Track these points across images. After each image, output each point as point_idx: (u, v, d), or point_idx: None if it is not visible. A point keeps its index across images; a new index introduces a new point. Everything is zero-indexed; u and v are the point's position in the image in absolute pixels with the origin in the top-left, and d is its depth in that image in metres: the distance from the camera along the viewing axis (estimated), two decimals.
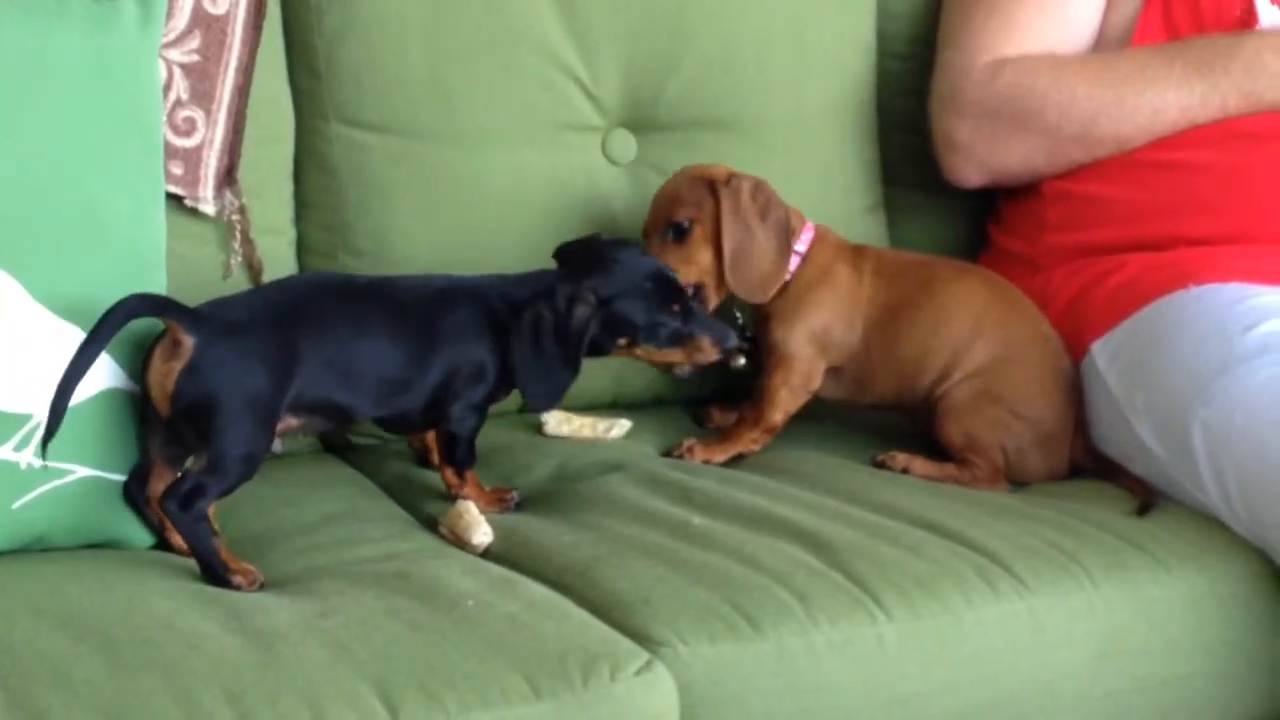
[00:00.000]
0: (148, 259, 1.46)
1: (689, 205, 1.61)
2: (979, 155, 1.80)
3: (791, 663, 1.31)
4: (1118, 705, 1.42)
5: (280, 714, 1.15)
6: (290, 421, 1.42)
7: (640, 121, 1.79)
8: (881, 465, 1.62)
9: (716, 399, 1.75)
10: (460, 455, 1.51)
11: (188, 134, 1.60)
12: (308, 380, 1.40)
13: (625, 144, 1.78)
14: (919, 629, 1.35)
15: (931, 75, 1.84)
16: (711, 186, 1.60)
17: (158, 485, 1.39)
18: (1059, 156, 1.76)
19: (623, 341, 1.51)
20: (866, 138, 1.87)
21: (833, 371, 1.65)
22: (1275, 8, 1.75)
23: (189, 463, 1.41)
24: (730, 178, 1.61)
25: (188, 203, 1.61)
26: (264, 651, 1.21)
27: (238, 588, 1.33)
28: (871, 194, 1.89)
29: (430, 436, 1.56)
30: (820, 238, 1.65)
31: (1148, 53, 1.75)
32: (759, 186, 1.61)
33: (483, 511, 1.48)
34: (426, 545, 1.44)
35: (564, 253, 1.57)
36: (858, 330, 1.63)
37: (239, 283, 1.63)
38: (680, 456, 1.62)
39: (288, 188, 1.70)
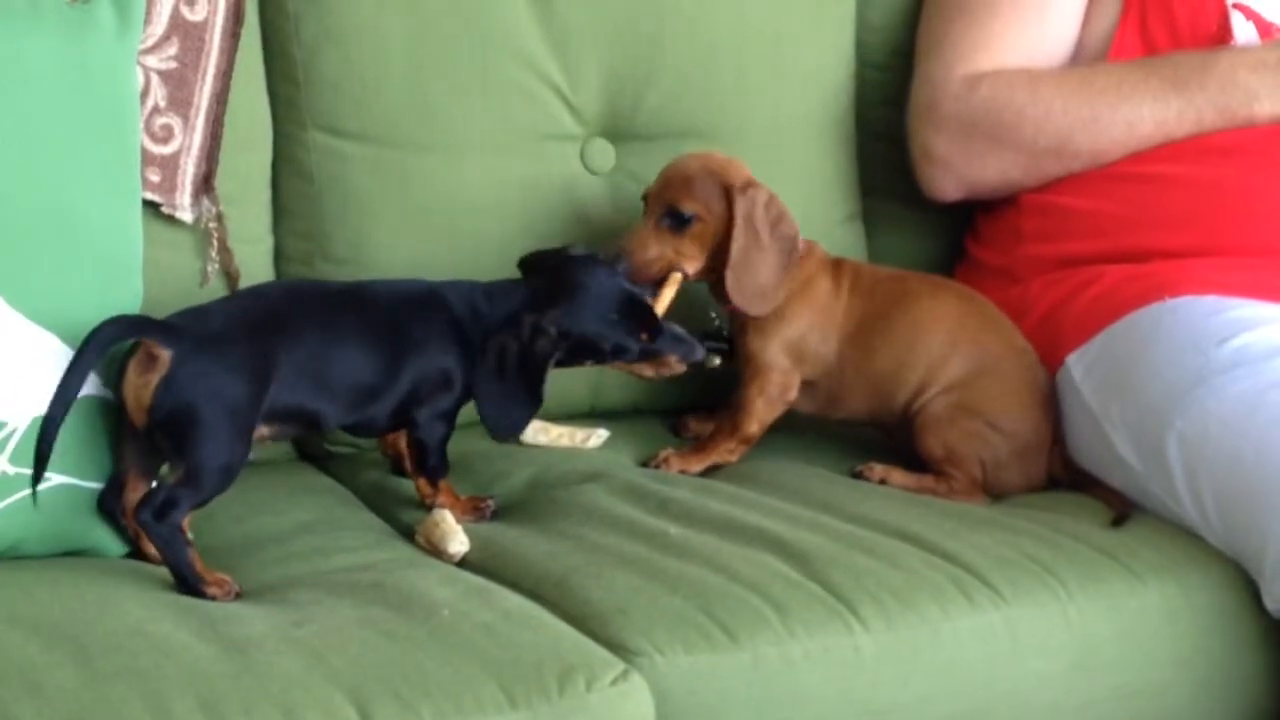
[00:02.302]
0: (124, 266, 1.45)
1: (698, 200, 1.59)
2: (956, 168, 1.80)
3: (767, 673, 1.31)
4: (1093, 716, 1.43)
5: None
6: (262, 430, 1.41)
7: (619, 131, 1.79)
8: (859, 476, 1.62)
9: (693, 409, 1.75)
10: (432, 463, 1.50)
11: (165, 141, 1.60)
12: (281, 388, 1.39)
13: (604, 153, 1.78)
14: (895, 640, 1.35)
15: (910, 86, 1.84)
16: (727, 191, 1.59)
17: (132, 496, 1.39)
18: (1035, 170, 1.77)
19: (589, 362, 1.52)
20: (845, 148, 1.88)
21: (807, 385, 1.65)
22: (1250, 24, 1.76)
23: (163, 471, 1.40)
24: (748, 186, 1.60)
25: (165, 210, 1.61)
26: (238, 660, 1.20)
27: (212, 598, 1.32)
28: (849, 205, 1.90)
29: (403, 444, 1.56)
30: (808, 252, 1.65)
31: (1124, 68, 1.76)
32: (772, 199, 1.60)
33: (459, 521, 1.47)
34: (402, 554, 1.44)
35: (530, 264, 1.57)
36: (832, 343, 1.63)
37: (216, 290, 1.62)
38: (657, 467, 1.62)
39: (265, 195, 1.70)
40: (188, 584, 1.33)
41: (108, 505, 1.40)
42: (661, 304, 1.59)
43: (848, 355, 1.63)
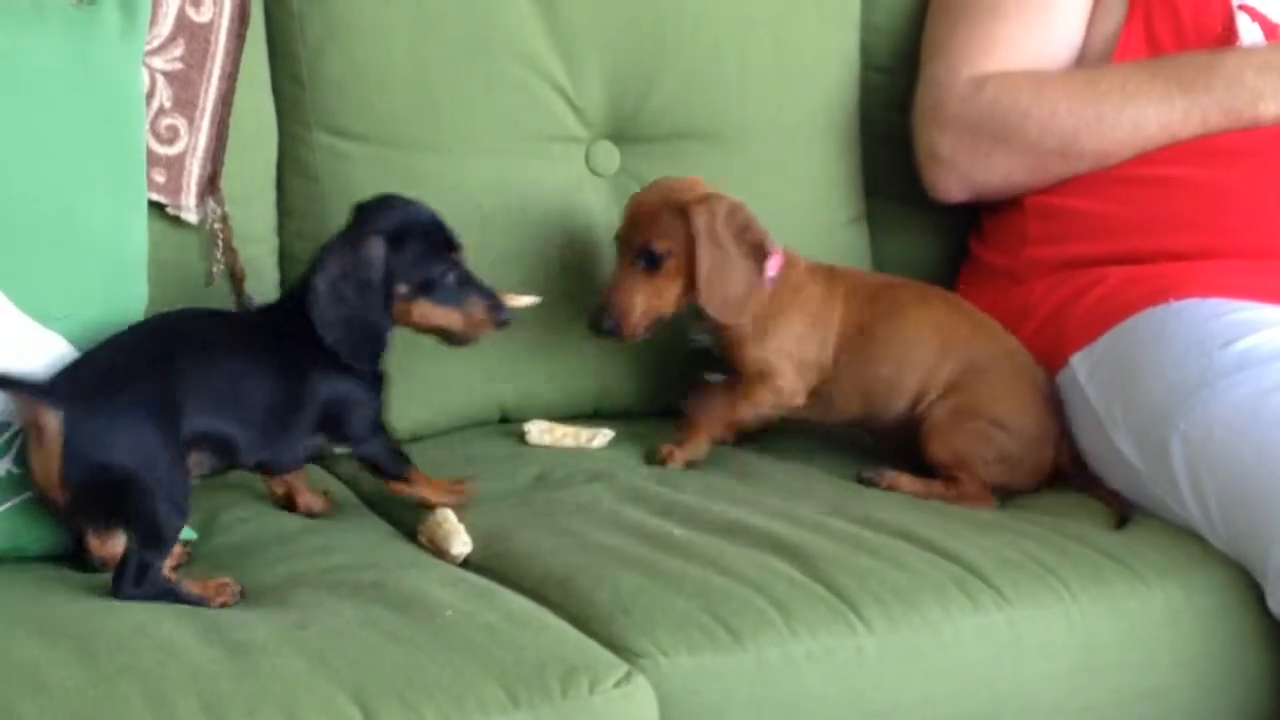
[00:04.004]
0: (129, 267, 1.46)
1: (667, 236, 1.58)
2: (961, 170, 1.80)
3: (771, 674, 1.31)
4: (1095, 718, 1.43)
5: None
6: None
7: (623, 133, 1.79)
8: (869, 483, 1.61)
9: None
10: (391, 469, 1.48)
11: (170, 142, 1.60)
12: (193, 413, 1.33)
13: (608, 155, 1.78)
14: (898, 641, 1.35)
15: (915, 89, 1.84)
16: (683, 211, 1.57)
17: (102, 548, 1.34)
18: (1040, 171, 1.77)
19: (403, 290, 1.42)
20: (849, 150, 1.88)
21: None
22: (1256, 25, 1.76)
23: None
24: (703, 200, 1.58)
25: (170, 211, 1.61)
26: (241, 661, 1.20)
27: (220, 607, 1.32)
28: (854, 207, 1.89)
29: (290, 481, 1.50)
30: (789, 261, 1.64)
31: (1129, 69, 1.76)
32: (735, 209, 1.59)
33: (439, 504, 1.47)
34: (405, 555, 1.44)
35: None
36: (829, 350, 1.63)
37: (221, 291, 1.62)
38: (663, 463, 1.62)
39: (270, 196, 1.70)
40: (192, 605, 1.31)
41: (82, 565, 1.34)
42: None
43: (843, 362, 1.63)
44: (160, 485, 1.30)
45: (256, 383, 1.39)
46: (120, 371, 1.32)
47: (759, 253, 1.60)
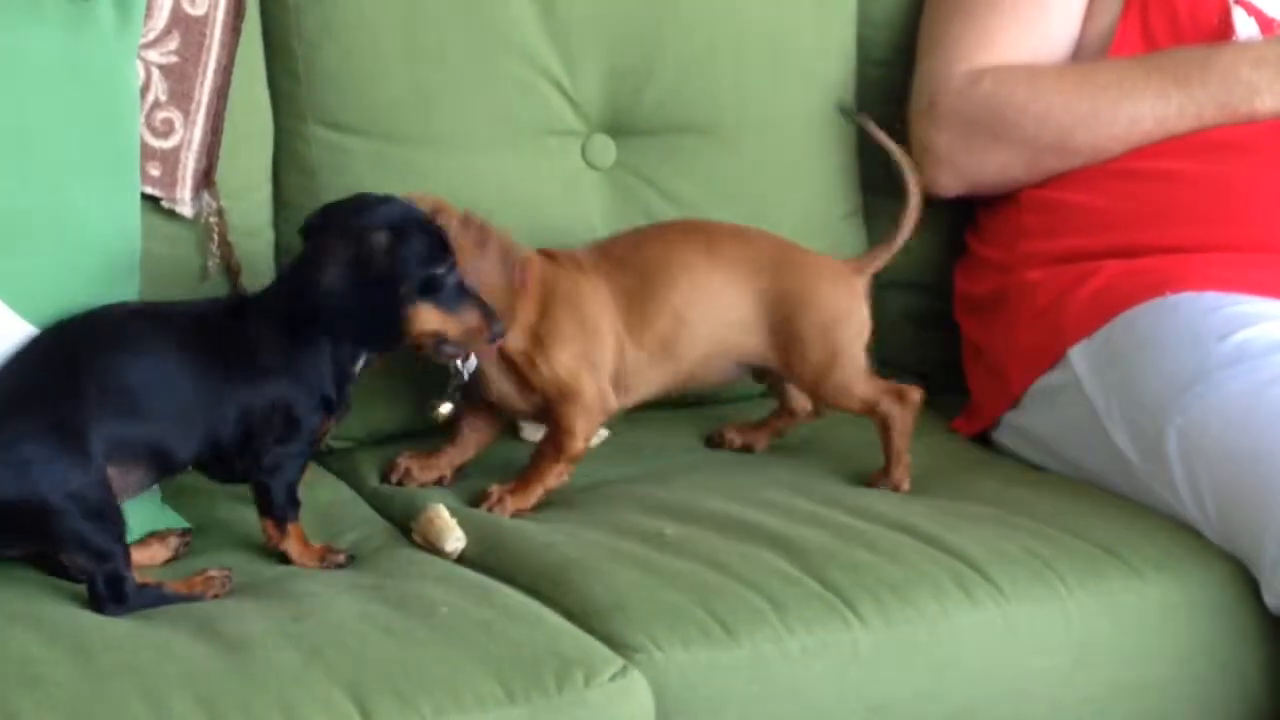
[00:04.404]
0: (123, 262, 1.46)
1: None
2: (957, 164, 1.80)
3: (766, 669, 1.31)
4: (1092, 712, 1.43)
5: (253, 719, 1.15)
6: (111, 474, 1.29)
7: (620, 126, 1.78)
8: (871, 485, 1.61)
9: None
10: (279, 506, 1.38)
11: (165, 135, 1.60)
12: (104, 424, 1.28)
13: (605, 149, 1.78)
14: (894, 635, 1.35)
15: (911, 83, 1.84)
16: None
17: (68, 559, 1.32)
18: (1036, 166, 1.77)
19: (405, 289, 1.35)
20: (845, 145, 1.87)
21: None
22: (1252, 19, 1.76)
23: None
24: (434, 215, 1.43)
25: (165, 204, 1.61)
26: (236, 657, 1.20)
27: (213, 599, 1.31)
28: (849, 201, 1.89)
29: None
30: (539, 263, 1.54)
31: (1125, 64, 1.75)
32: (466, 219, 1.47)
33: (306, 564, 1.39)
34: (401, 550, 1.44)
35: (316, 218, 1.41)
36: (612, 335, 1.54)
37: (217, 285, 1.62)
38: (490, 509, 1.50)
39: (266, 189, 1.69)
40: (185, 602, 1.31)
41: (55, 571, 1.33)
42: None
43: (625, 339, 1.55)
44: (75, 505, 1.26)
45: (178, 383, 1.32)
46: (13, 396, 1.28)
47: (505, 253, 1.49)
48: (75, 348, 1.32)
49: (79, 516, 1.27)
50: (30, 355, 1.33)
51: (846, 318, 1.60)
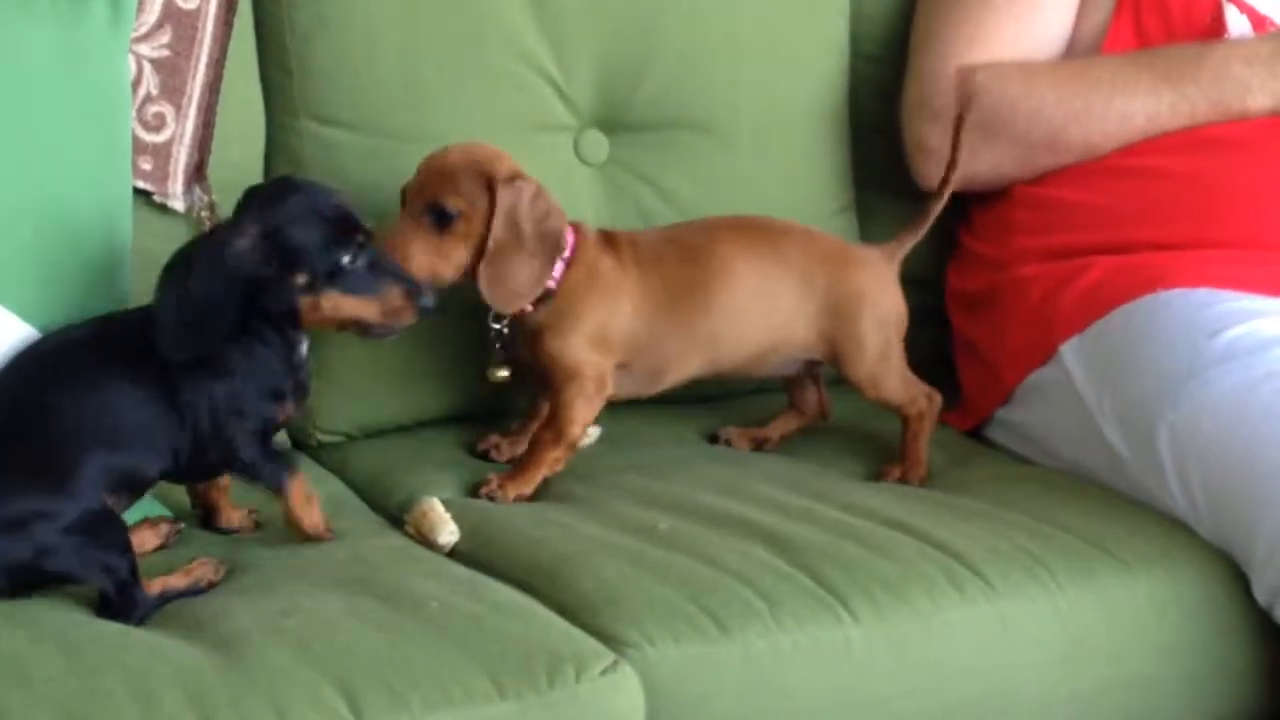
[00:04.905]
0: (113, 256, 1.45)
1: (462, 196, 1.47)
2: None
3: (757, 664, 1.31)
4: (1083, 707, 1.43)
5: (243, 715, 1.15)
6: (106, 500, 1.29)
7: (612, 122, 1.78)
8: (880, 476, 1.62)
9: (495, 430, 1.67)
10: (265, 473, 1.36)
11: (157, 129, 1.60)
12: (96, 455, 1.28)
13: (597, 144, 1.78)
14: (885, 631, 1.35)
15: (904, 79, 1.84)
16: (489, 183, 1.48)
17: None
18: (1028, 162, 1.77)
19: (301, 280, 1.31)
20: (838, 140, 1.87)
21: (621, 369, 1.56)
22: (1244, 17, 1.76)
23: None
24: (514, 177, 1.49)
25: (156, 199, 1.61)
26: (226, 652, 1.20)
27: (209, 588, 1.32)
28: (842, 196, 1.89)
29: (214, 493, 1.44)
30: (580, 240, 1.54)
31: (1117, 61, 1.76)
32: (540, 193, 1.50)
33: (304, 533, 1.39)
34: (392, 544, 1.44)
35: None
36: (640, 320, 1.53)
37: None
38: (490, 498, 1.51)
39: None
40: (189, 596, 1.31)
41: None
42: None
43: (663, 327, 1.55)
44: (77, 536, 1.26)
45: (135, 404, 1.31)
46: None
47: (553, 245, 1.50)
48: (38, 388, 1.30)
49: (84, 546, 1.27)
50: None
51: (896, 313, 1.63)
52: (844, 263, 1.62)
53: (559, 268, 1.52)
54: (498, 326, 1.56)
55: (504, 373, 1.58)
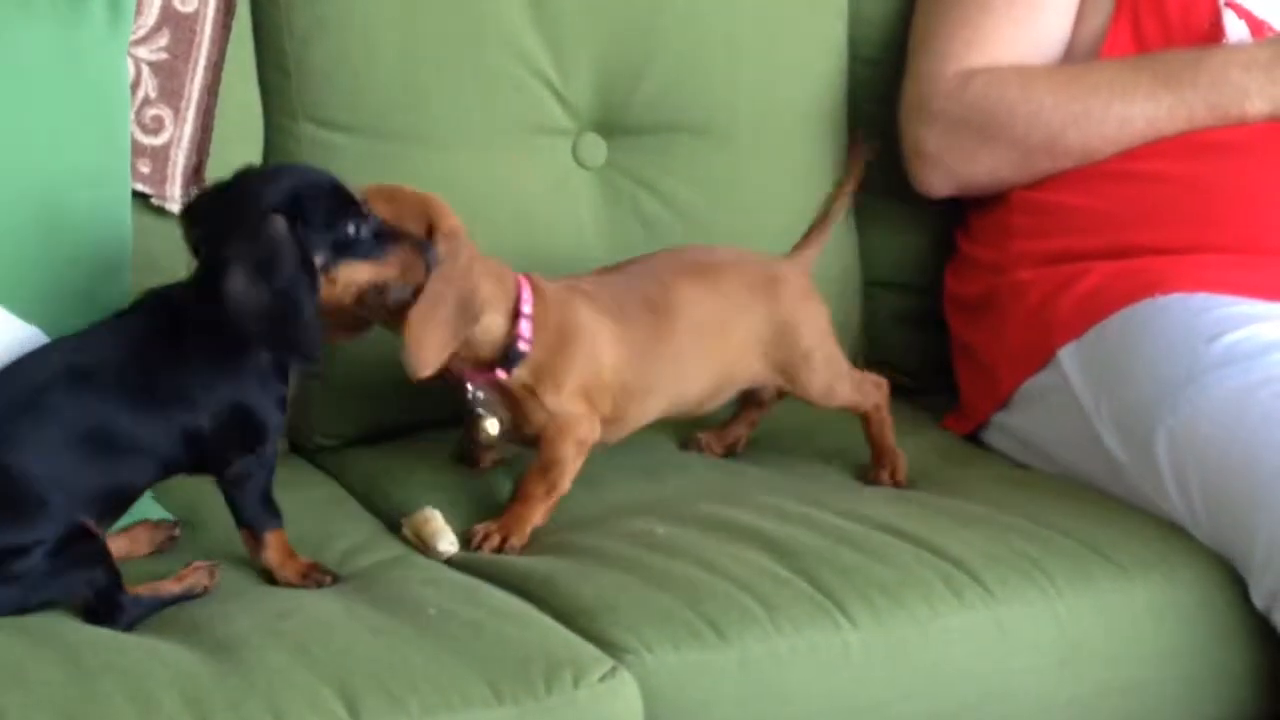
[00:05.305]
0: (113, 259, 1.45)
1: (400, 219, 1.38)
2: (947, 164, 1.80)
3: (756, 670, 1.31)
4: (1080, 712, 1.43)
5: (241, 718, 1.15)
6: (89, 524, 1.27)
7: (611, 125, 1.78)
8: (872, 482, 1.61)
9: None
10: (251, 514, 1.33)
11: (156, 132, 1.60)
12: (61, 500, 1.25)
13: (595, 148, 1.78)
14: (884, 636, 1.35)
15: (902, 82, 1.84)
16: (432, 226, 1.39)
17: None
18: (1026, 167, 1.77)
19: (320, 259, 1.28)
20: (836, 143, 1.87)
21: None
22: (1242, 22, 1.76)
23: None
24: (457, 231, 1.41)
25: (155, 201, 1.60)
26: (224, 656, 1.20)
27: (203, 593, 1.31)
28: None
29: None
30: (538, 294, 1.48)
31: (1116, 65, 1.76)
32: (470, 264, 1.41)
33: (287, 582, 1.34)
34: (391, 550, 1.44)
35: (195, 212, 1.34)
36: (612, 372, 1.50)
37: None
38: (478, 548, 1.44)
39: None
40: (184, 600, 1.31)
41: None
42: None
43: (630, 376, 1.51)
44: (70, 567, 1.25)
45: (119, 423, 1.27)
46: None
47: (470, 315, 1.41)
48: (7, 425, 1.26)
49: (63, 568, 1.26)
50: None
51: (826, 319, 1.62)
52: (772, 286, 1.60)
53: (524, 325, 1.46)
54: (473, 389, 1.49)
55: (493, 431, 1.51)
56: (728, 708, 1.30)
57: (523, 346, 1.46)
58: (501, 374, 1.46)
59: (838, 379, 1.61)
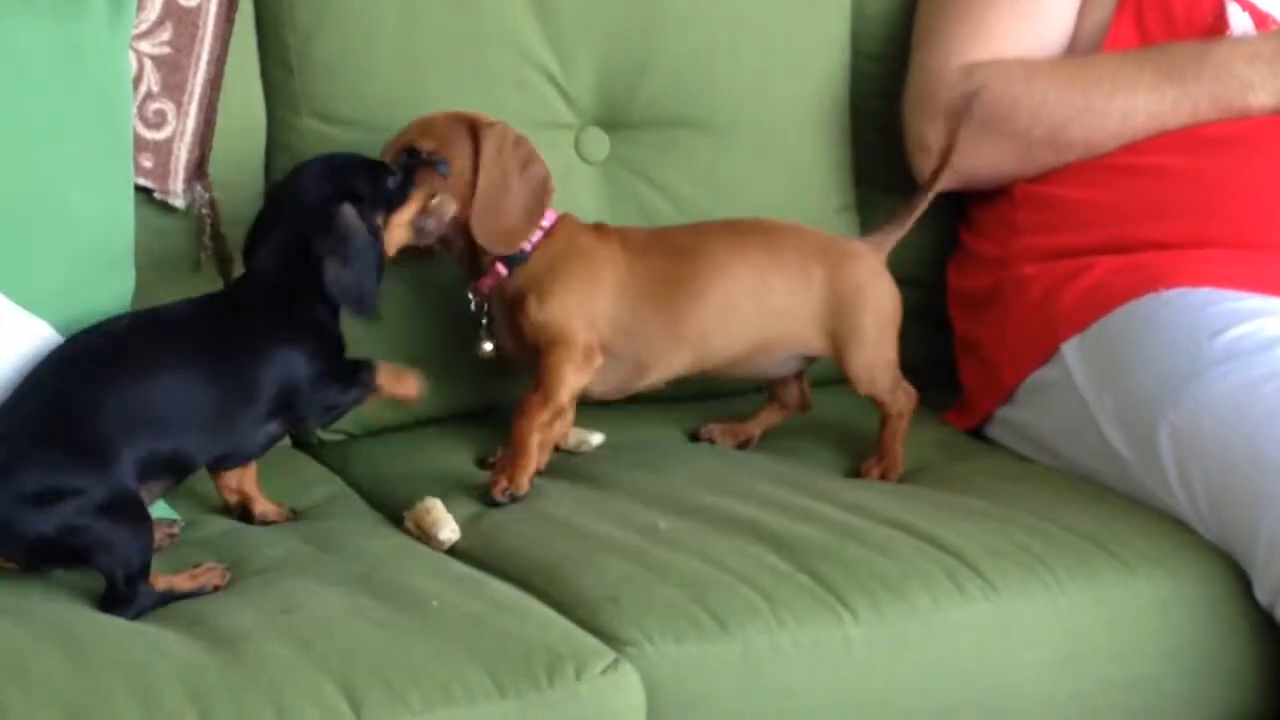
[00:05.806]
0: (116, 253, 1.45)
1: (442, 142, 1.51)
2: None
3: (758, 663, 1.31)
4: (1083, 707, 1.43)
5: (244, 712, 1.15)
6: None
7: (613, 120, 1.78)
8: (860, 474, 1.61)
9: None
10: (354, 395, 1.44)
11: (158, 126, 1.60)
12: (129, 446, 1.29)
13: (598, 142, 1.78)
14: (885, 630, 1.35)
15: (905, 77, 1.84)
16: (473, 128, 1.52)
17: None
18: (1029, 160, 1.77)
19: (379, 222, 1.45)
20: (839, 138, 1.87)
21: (608, 357, 1.55)
22: (1246, 14, 1.76)
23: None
24: (495, 123, 1.53)
25: (157, 196, 1.61)
26: (226, 650, 1.20)
27: (214, 591, 1.32)
28: (843, 195, 1.89)
29: (247, 484, 1.46)
30: (563, 218, 1.57)
31: (1119, 58, 1.75)
32: (522, 140, 1.54)
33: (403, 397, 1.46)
34: (393, 543, 1.44)
35: (255, 242, 1.46)
36: (624, 305, 1.54)
37: (209, 277, 1.62)
38: (504, 492, 1.49)
39: (259, 181, 1.69)
40: (192, 597, 1.31)
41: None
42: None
43: (649, 318, 1.55)
44: (104, 518, 1.27)
45: (193, 387, 1.34)
46: (33, 428, 1.28)
47: (539, 188, 1.54)
48: (87, 368, 1.32)
49: (110, 528, 1.27)
50: (40, 381, 1.33)
51: (894, 306, 1.63)
52: (840, 257, 1.62)
53: (536, 235, 1.54)
54: (477, 300, 1.58)
55: (489, 347, 1.59)
56: (729, 700, 1.30)
57: (525, 248, 1.54)
58: (502, 269, 1.54)
59: (882, 367, 1.61)
